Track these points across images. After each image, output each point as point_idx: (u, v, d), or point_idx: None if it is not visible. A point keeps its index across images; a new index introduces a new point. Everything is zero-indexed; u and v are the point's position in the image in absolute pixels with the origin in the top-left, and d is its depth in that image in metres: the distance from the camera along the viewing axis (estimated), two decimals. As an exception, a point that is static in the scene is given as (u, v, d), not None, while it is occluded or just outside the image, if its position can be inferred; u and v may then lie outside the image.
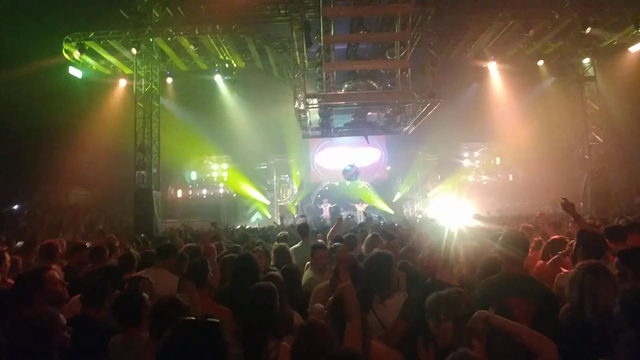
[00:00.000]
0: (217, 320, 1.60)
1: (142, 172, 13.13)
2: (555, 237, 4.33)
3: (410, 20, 10.40)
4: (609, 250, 3.43)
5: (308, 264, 4.32)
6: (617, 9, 12.23)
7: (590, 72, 14.06)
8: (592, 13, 12.17)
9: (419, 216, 16.91)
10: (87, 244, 5.31)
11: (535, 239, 4.64)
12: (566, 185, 15.36)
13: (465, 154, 20.72)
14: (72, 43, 12.48)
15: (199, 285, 3.04)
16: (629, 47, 13.07)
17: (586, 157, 13.87)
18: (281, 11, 11.74)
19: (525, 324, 2.58)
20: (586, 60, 14.05)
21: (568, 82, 14.56)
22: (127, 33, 12.45)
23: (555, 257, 3.82)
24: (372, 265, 3.06)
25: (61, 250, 5.13)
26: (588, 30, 12.21)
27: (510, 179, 20.10)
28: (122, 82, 14.90)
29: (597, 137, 13.83)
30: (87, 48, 12.71)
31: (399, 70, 10.97)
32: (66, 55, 12.77)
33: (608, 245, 3.47)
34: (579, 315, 2.40)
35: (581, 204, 13.01)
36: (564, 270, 3.47)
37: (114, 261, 4.50)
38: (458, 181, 19.98)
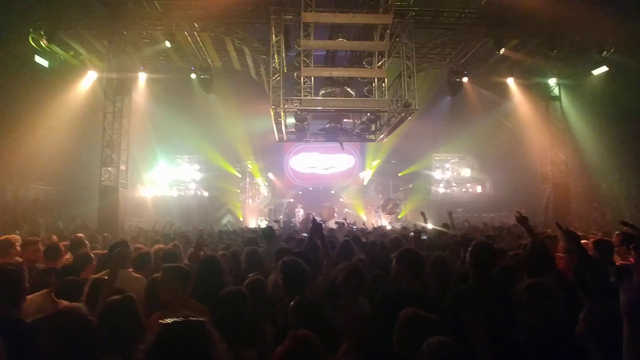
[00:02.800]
0: (203, 319, 1.58)
1: (109, 168, 12.65)
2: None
3: (388, 31, 10.61)
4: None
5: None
6: (582, 34, 12.92)
7: (556, 92, 14.77)
8: (559, 36, 12.80)
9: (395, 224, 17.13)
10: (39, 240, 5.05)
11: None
12: (530, 198, 16.01)
13: (437, 165, 21.22)
14: (40, 30, 11.91)
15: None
16: (592, 70, 13.81)
17: (549, 172, 14.50)
18: (261, 13, 11.67)
19: (489, 334, 2.64)
20: (552, 81, 14.74)
21: (535, 100, 15.23)
22: (100, 24, 12.01)
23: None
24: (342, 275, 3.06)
25: (18, 246, 4.87)
26: (555, 52, 12.84)
27: (479, 190, 20.72)
28: (92, 75, 14.34)
29: (559, 154, 14.50)
30: (55, 36, 12.16)
31: (375, 79, 11.14)
32: (33, 43, 12.15)
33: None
34: (533, 333, 2.40)
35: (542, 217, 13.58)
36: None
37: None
38: (429, 191, 20.42)
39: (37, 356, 2.06)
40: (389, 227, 14.99)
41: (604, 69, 13.48)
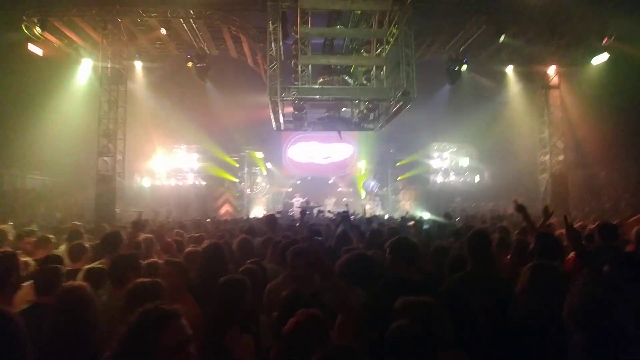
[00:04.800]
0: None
1: (106, 158, 12.60)
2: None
3: (387, 18, 10.46)
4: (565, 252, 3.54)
5: None
6: (583, 22, 12.79)
7: (555, 80, 14.66)
8: (559, 24, 12.67)
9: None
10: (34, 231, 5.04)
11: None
12: (528, 187, 16.04)
13: (435, 154, 21.17)
14: (33, 18, 11.71)
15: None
16: (592, 58, 13.69)
17: (547, 161, 14.49)
18: (258, 0, 11.49)
19: (484, 320, 2.65)
20: (552, 69, 14.63)
21: (534, 88, 15.14)
22: (94, 11, 11.82)
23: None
24: (354, 263, 3.05)
25: (11, 237, 4.86)
26: (555, 39, 12.72)
27: (477, 180, 20.73)
28: (87, 63, 14.16)
29: (558, 142, 14.48)
30: (49, 24, 11.96)
31: (374, 67, 11.03)
32: (26, 31, 11.95)
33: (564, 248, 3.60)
34: (526, 313, 2.41)
35: (541, 205, 13.58)
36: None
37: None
38: (427, 180, 20.43)
39: (39, 336, 2.07)
40: (386, 216, 15.01)
41: (604, 57, 13.35)
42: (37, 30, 11.71)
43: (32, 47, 12.40)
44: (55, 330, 2.09)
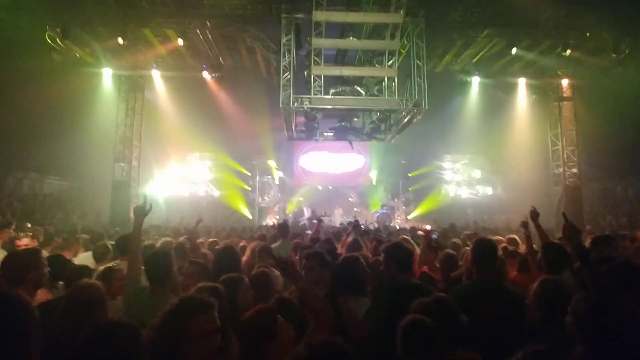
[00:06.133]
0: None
1: (122, 164, 12.90)
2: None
3: (399, 30, 10.60)
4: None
5: None
6: (597, 34, 12.72)
7: (569, 92, 14.55)
8: (573, 36, 12.62)
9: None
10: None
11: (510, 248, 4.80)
12: (542, 200, 15.81)
13: (447, 166, 21.05)
14: (57, 27, 12.14)
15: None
16: (607, 70, 13.57)
17: (561, 174, 14.31)
18: (273, 12, 11.75)
19: (494, 330, 2.66)
20: (565, 81, 14.52)
21: (547, 101, 15.03)
22: (115, 21, 12.21)
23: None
24: (340, 267, 3.08)
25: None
26: (568, 52, 12.66)
27: (489, 192, 20.52)
28: (107, 72, 14.58)
29: (572, 155, 14.30)
30: (71, 33, 12.38)
31: (385, 78, 11.13)
32: (49, 40, 12.39)
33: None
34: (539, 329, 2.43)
35: (555, 218, 13.37)
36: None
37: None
38: (439, 192, 20.30)
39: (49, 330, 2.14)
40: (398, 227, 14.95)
41: (619, 69, 13.22)
42: (59, 39, 12.12)
43: (54, 56, 12.83)
44: (64, 324, 2.16)
